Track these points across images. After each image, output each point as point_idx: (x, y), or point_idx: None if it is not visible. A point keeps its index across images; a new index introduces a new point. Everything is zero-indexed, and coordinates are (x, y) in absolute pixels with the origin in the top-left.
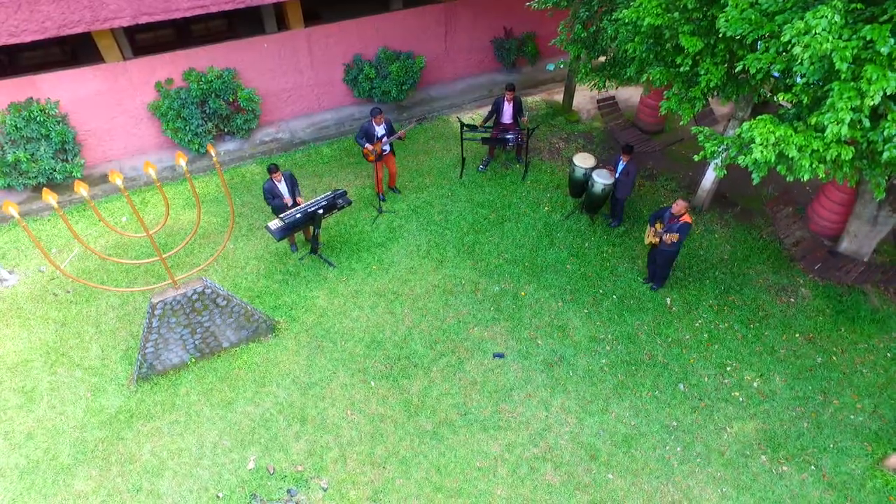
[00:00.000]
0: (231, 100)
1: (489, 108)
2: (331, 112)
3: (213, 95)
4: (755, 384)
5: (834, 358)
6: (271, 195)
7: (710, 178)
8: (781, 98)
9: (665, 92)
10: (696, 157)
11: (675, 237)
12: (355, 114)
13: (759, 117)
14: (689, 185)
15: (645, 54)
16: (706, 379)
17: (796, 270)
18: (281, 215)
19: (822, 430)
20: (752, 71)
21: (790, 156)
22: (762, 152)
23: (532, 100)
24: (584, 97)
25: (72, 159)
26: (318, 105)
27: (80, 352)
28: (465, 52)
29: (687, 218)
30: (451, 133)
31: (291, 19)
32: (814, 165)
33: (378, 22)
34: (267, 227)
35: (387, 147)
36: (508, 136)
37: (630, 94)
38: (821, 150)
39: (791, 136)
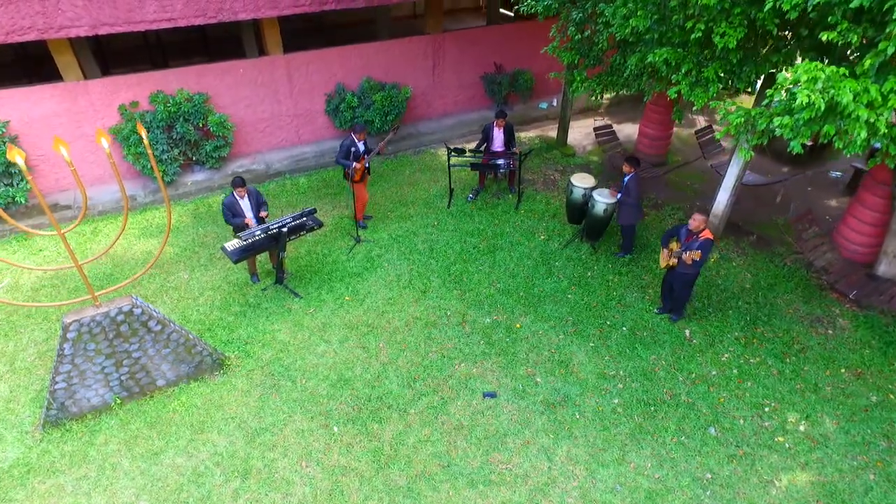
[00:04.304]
0: (200, 124)
1: (479, 141)
2: (311, 145)
3: (181, 119)
4: (801, 427)
5: (891, 396)
6: (231, 212)
7: (722, 202)
8: (825, 37)
9: (673, 76)
10: (717, 136)
11: (697, 255)
12: (337, 147)
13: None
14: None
15: (649, 34)
16: (741, 421)
17: (830, 299)
18: (240, 234)
19: (894, 484)
20: (787, 7)
21: (843, 102)
22: (809, 96)
23: (525, 135)
24: (580, 133)
25: (17, 184)
26: (298, 137)
27: None
28: (455, 87)
29: (707, 234)
30: (438, 165)
31: (269, 44)
32: (872, 119)
33: (362, 51)
34: (223, 248)
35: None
36: (499, 162)
37: (629, 132)
38: (878, 101)
39: (843, 76)
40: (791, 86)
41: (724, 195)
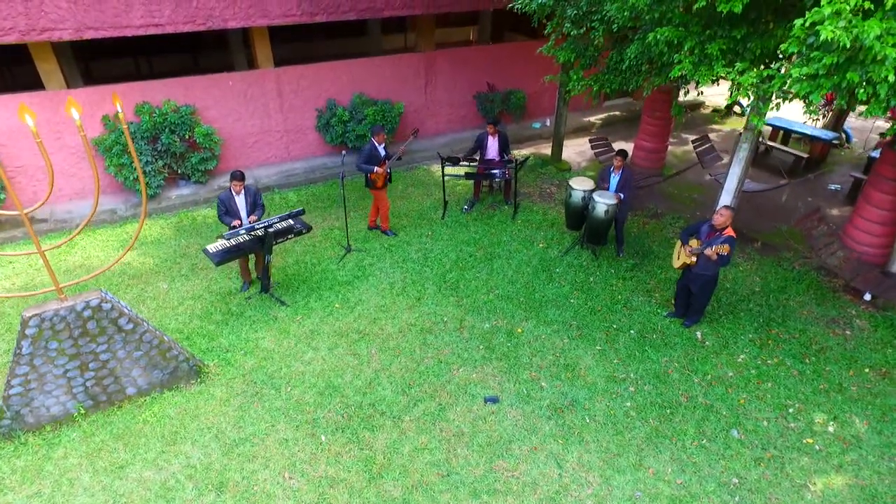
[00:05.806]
0: (186, 136)
1: (471, 149)
2: (301, 162)
3: (166, 130)
4: (830, 428)
5: None
6: (224, 208)
7: (724, 203)
8: None
9: (676, 56)
10: (727, 100)
11: (725, 249)
12: (327, 163)
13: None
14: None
15: (648, 15)
16: (765, 423)
17: (844, 300)
18: (224, 234)
19: None
20: None
21: (868, 40)
22: (833, 31)
23: (519, 153)
24: (573, 151)
25: None
26: (288, 154)
27: None
28: (447, 105)
29: (731, 231)
30: (431, 180)
31: (260, 57)
32: None
33: (353, 67)
34: (205, 251)
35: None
36: (495, 172)
37: (626, 148)
38: None
39: (867, 11)
40: (808, 34)
41: (727, 198)
